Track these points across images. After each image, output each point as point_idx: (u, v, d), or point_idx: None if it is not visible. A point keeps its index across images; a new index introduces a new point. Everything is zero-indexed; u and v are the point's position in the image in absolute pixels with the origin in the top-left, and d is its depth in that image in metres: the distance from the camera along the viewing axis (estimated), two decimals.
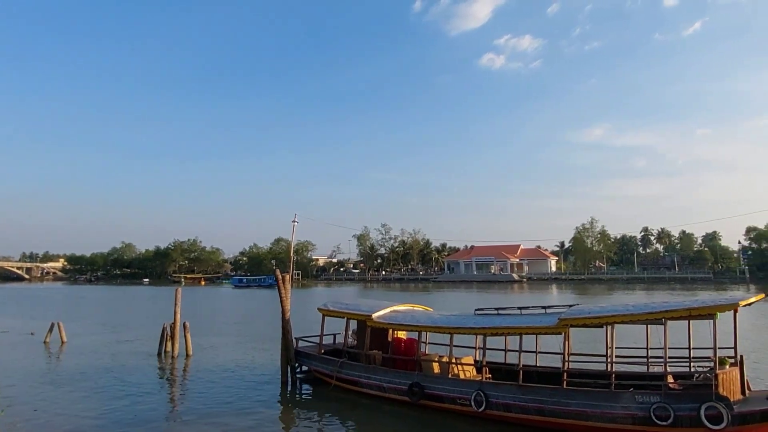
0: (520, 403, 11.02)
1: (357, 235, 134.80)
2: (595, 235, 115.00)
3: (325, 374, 15.12)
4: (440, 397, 12.29)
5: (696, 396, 9.34)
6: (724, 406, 8.97)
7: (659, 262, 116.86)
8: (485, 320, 12.56)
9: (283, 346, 15.97)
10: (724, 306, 9.67)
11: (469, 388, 11.81)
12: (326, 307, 16.05)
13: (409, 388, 12.73)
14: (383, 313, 14.61)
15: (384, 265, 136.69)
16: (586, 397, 10.30)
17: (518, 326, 11.73)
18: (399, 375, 13.25)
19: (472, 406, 11.57)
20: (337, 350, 15.81)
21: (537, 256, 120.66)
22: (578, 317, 10.99)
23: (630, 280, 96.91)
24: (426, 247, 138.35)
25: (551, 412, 10.63)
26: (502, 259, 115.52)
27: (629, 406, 9.78)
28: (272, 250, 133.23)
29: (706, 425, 9.04)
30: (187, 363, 19.32)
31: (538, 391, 10.93)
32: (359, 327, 15.53)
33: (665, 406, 9.38)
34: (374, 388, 13.73)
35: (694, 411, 9.15)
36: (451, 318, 13.67)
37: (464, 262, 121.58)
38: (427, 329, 13.78)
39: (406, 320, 14.16)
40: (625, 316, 10.49)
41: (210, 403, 13.70)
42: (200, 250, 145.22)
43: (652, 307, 10.53)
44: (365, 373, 14.04)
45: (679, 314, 9.90)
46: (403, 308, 15.53)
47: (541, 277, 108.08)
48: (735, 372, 9.87)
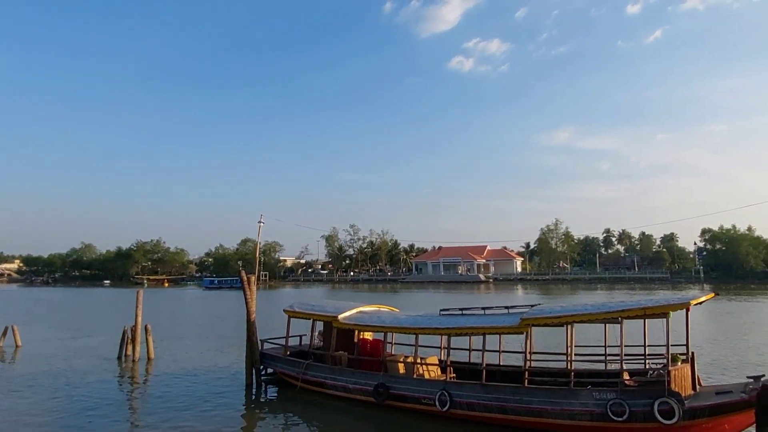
0: (483, 401, 11.20)
1: (325, 236, 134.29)
2: (560, 237, 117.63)
3: (291, 376, 15.02)
4: (405, 397, 12.38)
5: (650, 392, 9.67)
6: (675, 401, 9.32)
7: (620, 262, 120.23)
8: (450, 320, 12.72)
9: (248, 348, 15.79)
10: (676, 305, 10.06)
11: (433, 388, 11.94)
12: (292, 309, 15.95)
13: (375, 388, 12.77)
14: (349, 314, 14.62)
15: (352, 265, 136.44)
16: (546, 394, 10.55)
17: (481, 326, 11.91)
18: (364, 376, 13.28)
19: (437, 406, 11.69)
20: (302, 352, 15.73)
21: (503, 257, 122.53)
22: (539, 317, 11.25)
23: (592, 280, 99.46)
24: (394, 248, 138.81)
25: (513, 410, 10.85)
26: (469, 260, 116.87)
27: (587, 402, 10.06)
28: (239, 251, 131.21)
29: (659, 420, 9.38)
30: (149, 366, 18.89)
31: (501, 389, 11.13)
32: (325, 328, 15.50)
33: (621, 402, 9.69)
34: (340, 389, 13.72)
35: (648, 406, 9.48)
36: (416, 318, 13.78)
37: (432, 262, 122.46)
38: (393, 330, 13.85)
39: (372, 321, 14.20)
40: (584, 316, 10.80)
41: (171, 407, 13.42)
42: (164, 251, 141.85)
43: (609, 306, 10.87)
44: (331, 375, 14.01)
45: (635, 313, 10.25)
46: (369, 309, 15.57)
47: (507, 278, 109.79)
48: (686, 368, 10.28)
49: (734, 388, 9.80)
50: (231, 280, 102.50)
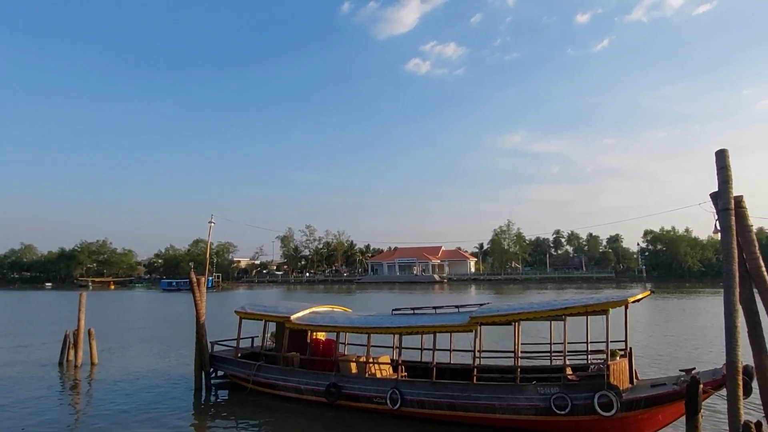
0: (433, 399, 11.41)
1: (281, 237, 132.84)
2: (512, 237, 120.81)
3: (242, 378, 14.83)
4: (357, 397, 12.45)
5: (590, 386, 10.11)
6: (614, 394, 9.78)
7: (569, 262, 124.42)
8: (401, 320, 12.89)
9: (197, 350, 15.49)
10: (615, 303, 10.55)
11: (384, 387, 12.07)
12: (244, 310, 15.75)
13: (327, 388, 12.79)
14: (302, 315, 14.57)
15: (308, 266, 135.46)
16: (493, 390, 10.86)
17: (432, 325, 12.13)
18: (316, 376, 13.28)
19: (388, 404, 11.83)
20: (254, 353, 15.55)
21: (457, 258, 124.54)
22: (488, 315, 11.56)
23: (542, 279, 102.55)
24: (350, 249, 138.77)
25: (462, 406, 11.10)
26: (424, 261, 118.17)
27: (532, 397, 10.42)
28: (190, 252, 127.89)
29: (598, 412, 9.82)
30: (92, 372, 18.18)
31: (450, 387, 11.36)
32: (278, 329, 15.39)
33: (564, 396, 10.09)
34: (291, 390, 13.66)
35: (589, 400, 9.92)
36: (369, 318, 13.88)
37: (387, 263, 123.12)
38: (345, 330, 13.91)
39: (324, 321, 14.21)
40: (530, 314, 11.18)
41: (116, 413, 12.98)
42: (110, 252, 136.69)
43: (553, 304, 11.29)
44: (282, 376, 13.93)
45: (577, 311, 10.69)
46: (322, 309, 15.57)
47: (461, 278, 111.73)
48: (624, 363, 10.79)
49: (667, 381, 10.36)
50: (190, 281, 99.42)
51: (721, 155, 8.78)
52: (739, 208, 8.72)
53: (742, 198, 8.76)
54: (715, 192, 8.88)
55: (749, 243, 8.69)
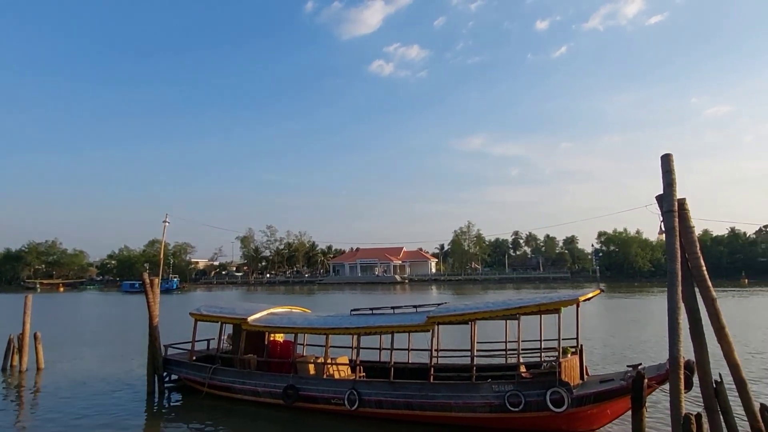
0: (391, 399, 11.46)
1: (240, 237, 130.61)
2: (472, 239, 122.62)
3: (197, 381, 14.51)
4: (315, 398, 12.38)
5: (543, 383, 10.38)
6: (565, 390, 10.07)
7: (527, 263, 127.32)
8: (360, 320, 12.89)
9: (150, 354, 15.06)
10: (567, 301, 10.86)
11: (342, 388, 12.05)
12: (199, 312, 15.42)
13: (284, 390, 12.67)
14: (259, 316, 14.37)
15: (269, 267, 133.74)
16: (450, 389, 11.00)
17: (390, 325, 12.19)
18: (274, 378, 13.13)
19: (346, 405, 11.81)
20: (210, 356, 15.24)
21: (418, 258, 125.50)
22: (445, 315, 11.69)
23: (501, 280, 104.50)
24: (312, 250, 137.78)
25: (419, 405, 11.20)
26: (386, 261, 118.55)
27: (487, 395, 10.61)
28: (146, 253, 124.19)
29: (550, 408, 10.09)
30: (38, 378, 17.40)
31: (407, 386, 11.44)
32: (234, 331, 15.15)
33: (517, 393, 10.32)
34: (248, 393, 13.46)
35: (541, 396, 10.17)
36: (327, 319, 13.82)
37: (349, 264, 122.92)
38: (304, 331, 13.81)
39: (282, 322, 14.07)
40: (486, 313, 11.38)
41: (63, 420, 12.45)
42: (60, 253, 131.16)
43: (508, 304, 11.52)
44: (239, 378, 13.71)
45: (531, 310, 10.94)
46: (280, 310, 15.40)
47: (422, 279, 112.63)
48: (575, 360, 11.13)
49: (616, 377, 10.74)
50: None
51: (665, 160, 9.16)
52: (682, 210, 9.12)
53: (684, 200, 9.16)
54: (661, 195, 9.28)
55: (691, 243, 9.10)
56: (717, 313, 8.70)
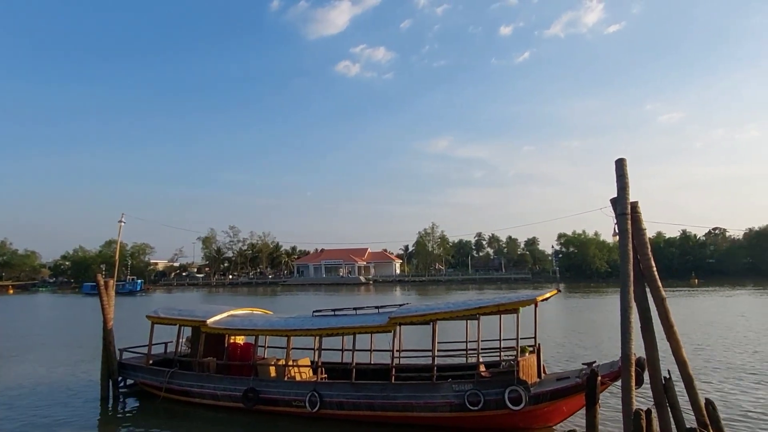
0: (352, 400, 11.45)
1: (202, 238, 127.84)
2: (436, 240, 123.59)
3: (153, 386, 14.14)
4: (275, 401, 12.25)
5: (501, 382, 10.57)
6: (523, 389, 10.28)
7: (489, 264, 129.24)
8: (322, 321, 12.82)
9: (104, 358, 14.60)
10: (525, 302, 11.09)
11: (303, 390, 11.96)
12: (156, 314, 15.04)
13: (244, 393, 12.48)
14: (219, 318, 14.12)
15: (231, 268, 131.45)
16: (411, 389, 11.07)
17: (352, 326, 12.18)
18: (233, 381, 12.92)
19: (307, 407, 11.73)
20: (167, 360, 14.88)
21: (383, 259, 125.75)
22: (406, 315, 11.77)
23: (464, 280, 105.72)
24: (276, 250, 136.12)
25: (380, 406, 11.22)
26: (351, 262, 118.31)
27: (447, 395, 10.72)
28: (102, 254, 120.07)
29: (509, 407, 10.29)
30: None
31: (369, 387, 11.45)
32: (193, 334, 14.84)
33: (477, 392, 10.47)
34: (207, 396, 13.20)
35: (500, 395, 10.35)
36: (289, 320, 13.69)
37: (314, 265, 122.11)
38: (265, 333, 13.65)
39: (243, 324, 13.86)
40: (446, 313, 11.50)
41: (13, 428, 11.95)
42: (10, 254, 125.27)
43: (468, 304, 11.68)
44: (198, 382, 13.44)
45: (490, 310, 11.13)
46: (241, 312, 15.18)
47: (386, 279, 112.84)
48: (533, 358, 11.39)
49: (571, 375, 11.03)
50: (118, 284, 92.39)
51: (619, 164, 9.47)
52: (634, 213, 9.44)
53: (637, 204, 9.50)
54: (615, 198, 9.58)
55: (643, 245, 9.44)
56: (666, 312, 9.05)
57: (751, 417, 11.51)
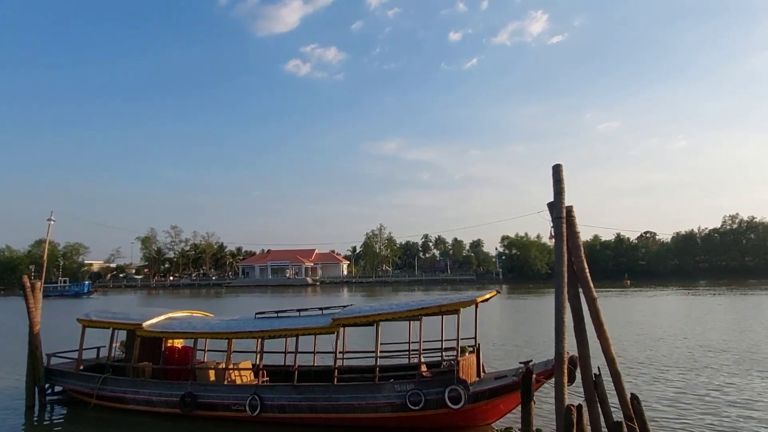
0: (294, 402, 11.35)
1: (141, 238, 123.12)
2: (383, 241, 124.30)
3: (84, 393, 13.49)
4: (214, 405, 11.96)
5: (442, 381, 10.76)
6: (462, 388, 10.51)
7: (435, 265, 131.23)
8: (264, 323, 12.63)
9: (30, 364, 13.78)
10: (466, 302, 11.35)
11: (244, 393, 11.74)
12: (88, 318, 14.34)
13: (181, 398, 12.11)
14: (156, 321, 13.64)
15: (172, 270, 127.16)
16: (353, 390, 11.09)
17: (295, 328, 12.07)
18: (170, 386, 12.51)
19: (247, 411, 11.52)
20: (100, 365, 14.24)
21: (331, 261, 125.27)
22: (350, 317, 11.78)
23: (411, 282, 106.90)
24: (220, 251, 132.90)
25: (323, 408, 11.18)
26: (298, 264, 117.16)
27: (389, 395, 10.81)
28: (31, 254, 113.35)
29: (449, 406, 10.49)
30: None
31: (311, 389, 11.39)
32: (128, 337, 14.26)
33: (418, 392, 10.62)
34: (142, 402, 12.72)
35: (440, 394, 10.54)
36: (230, 323, 13.40)
37: (260, 266, 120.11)
38: (204, 336, 13.29)
39: (181, 328, 13.45)
40: (389, 314, 11.60)
41: None
42: None
43: (410, 305, 11.83)
44: (132, 388, 12.93)
45: (432, 311, 11.33)
46: (179, 315, 14.72)
47: (334, 281, 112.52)
48: (473, 358, 11.67)
49: (509, 373, 11.39)
50: (62, 286, 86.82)
51: (556, 170, 9.83)
52: (569, 217, 9.82)
53: (572, 208, 9.89)
54: (551, 202, 9.96)
55: (577, 248, 9.83)
56: (597, 312, 9.47)
57: (673, 407, 12.26)
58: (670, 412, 11.92)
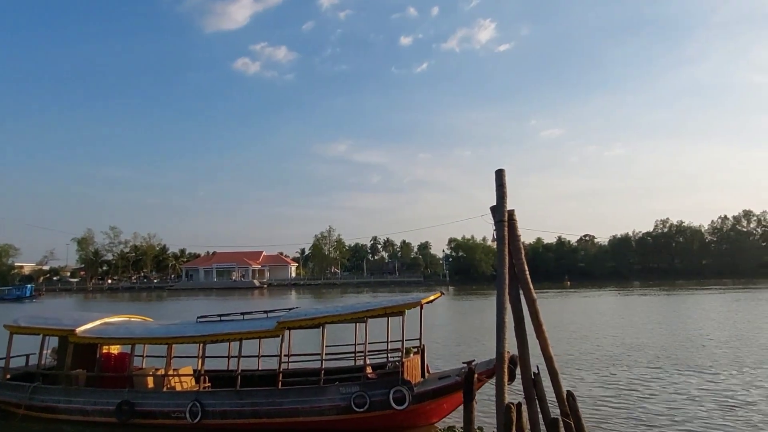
0: (237, 408, 11.15)
1: (77, 239, 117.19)
2: (332, 243, 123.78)
3: (11, 403, 12.72)
4: (153, 413, 11.56)
5: (387, 382, 10.86)
6: (407, 388, 10.64)
7: (384, 267, 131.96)
8: (206, 328, 12.34)
9: None
10: (410, 304, 11.52)
11: (184, 400, 11.42)
12: (16, 324, 13.52)
13: (118, 407, 11.64)
14: (91, 327, 13.04)
15: (111, 272, 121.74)
16: (297, 394, 11.02)
17: (238, 332, 11.86)
18: (106, 394, 12.00)
19: (188, 418, 11.21)
20: (29, 374, 13.47)
21: (278, 263, 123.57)
22: (295, 320, 11.70)
23: (359, 284, 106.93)
24: (162, 253, 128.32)
25: (266, 412, 11.04)
26: (244, 266, 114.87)
27: (334, 397, 10.81)
28: None
29: (393, 407, 10.59)
30: None
31: (254, 394, 11.23)
32: (60, 344, 13.54)
33: (363, 394, 10.66)
34: (75, 412, 12.13)
35: (385, 396, 10.63)
36: (170, 327, 13.02)
37: (204, 268, 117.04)
38: (142, 341, 12.85)
39: (118, 333, 12.92)
40: (335, 317, 11.61)
41: None
42: None
43: (356, 307, 11.89)
44: (64, 397, 12.31)
45: (377, 313, 11.43)
46: (116, 320, 14.12)
47: (281, 283, 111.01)
48: (417, 359, 11.84)
49: (452, 373, 11.60)
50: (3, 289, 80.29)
51: (498, 175, 10.16)
52: (511, 221, 10.15)
53: (513, 212, 10.23)
54: (494, 206, 10.25)
55: (518, 250, 10.16)
56: (536, 313, 9.83)
57: (604, 402, 12.90)
58: (602, 408, 12.51)
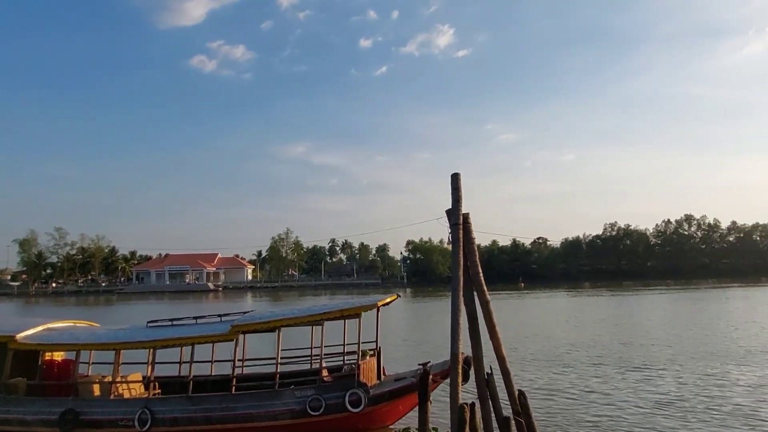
0: (188, 414, 10.86)
1: (19, 240, 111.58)
2: (290, 245, 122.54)
3: None
4: (99, 422, 11.11)
5: (342, 385, 10.85)
6: (363, 391, 10.65)
7: (342, 270, 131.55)
8: (157, 333, 11.97)
9: None
10: (367, 306, 11.54)
11: (132, 407, 11.03)
12: None
13: (61, 416, 11.12)
14: (32, 333, 12.40)
15: (56, 275, 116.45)
16: (251, 398, 10.86)
17: (191, 336, 11.57)
18: (48, 403, 11.45)
19: (136, 426, 10.82)
20: None
21: (234, 265, 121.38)
22: (250, 323, 11.51)
23: (317, 286, 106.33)
24: (111, 255, 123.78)
25: (219, 418, 10.80)
26: (198, 268, 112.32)
27: (289, 401, 10.71)
28: None
29: (349, 409, 10.58)
30: None
31: (207, 399, 10.99)
32: None
33: (318, 397, 10.60)
34: (15, 423, 11.50)
35: (341, 398, 10.61)
36: (118, 333, 12.56)
37: (156, 271, 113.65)
38: (88, 347, 12.34)
39: (62, 339, 12.36)
40: (291, 320, 11.50)
41: None
42: None
43: (312, 310, 11.82)
44: (3, 407, 11.66)
45: (334, 315, 11.40)
46: (60, 325, 13.50)
47: (237, 286, 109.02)
48: (373, 361, 11.87)
49: (408, 375, 11.70)
50: None
51: (454, 178, 10.31)
52: (465, 224, 10.32)
53: (468, 215, 10.40)
54: (450, 209, 10.41)
55: (472, 253, 10.34)
56: (490, 314, 10.02)
57: (552, 400, 13.30)
58: (552, 405, 12.90)
